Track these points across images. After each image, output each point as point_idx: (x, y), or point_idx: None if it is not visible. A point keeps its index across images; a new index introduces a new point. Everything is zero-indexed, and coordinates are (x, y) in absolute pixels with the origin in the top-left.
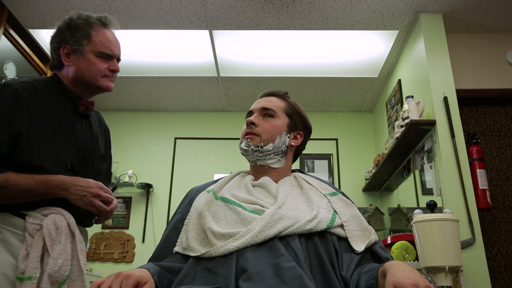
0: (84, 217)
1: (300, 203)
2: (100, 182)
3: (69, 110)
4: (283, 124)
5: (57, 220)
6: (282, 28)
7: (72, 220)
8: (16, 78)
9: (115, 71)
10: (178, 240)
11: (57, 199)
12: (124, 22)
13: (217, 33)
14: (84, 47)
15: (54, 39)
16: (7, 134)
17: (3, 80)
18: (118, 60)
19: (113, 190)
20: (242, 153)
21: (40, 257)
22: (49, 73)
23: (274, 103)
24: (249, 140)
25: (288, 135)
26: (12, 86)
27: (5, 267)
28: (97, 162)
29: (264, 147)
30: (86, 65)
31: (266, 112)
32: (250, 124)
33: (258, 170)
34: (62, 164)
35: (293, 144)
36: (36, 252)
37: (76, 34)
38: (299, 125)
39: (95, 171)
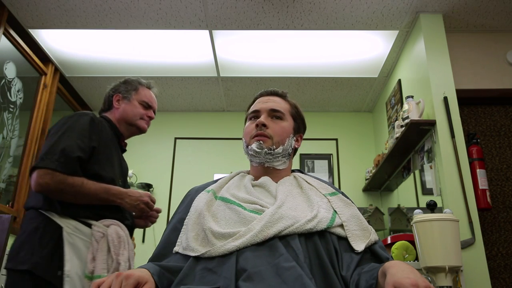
0: (131, 229)
1: (300, 203)
2: (148, 192)
3: (115, 142)
4: (290, 126)
5: (118, 230)
6: (282, 28)
7: (126, 231)
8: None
9: (151, 118)
10: (178, 240)
11: (113, 212)
12: (124, 22)
13: (217, 33)
14: (132, 96)
15: (110, 90)
16: (88, 147)
17: (3, 80)
18: (154, 112)
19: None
20: (252, 154)
21: (105, 260)
22: (49, 74)
23: (280, 104)
24: (261, 142)
25: (294, 137)
26: (88, 114)
27: (78, 269)
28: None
29: (275, 150)
30: (131, 108)
31: (275, 114)
32: (261, 125)
33: (261, 171)
34: (115, 179)
35: (296, 146)
36: (102, 255)
37: (128, 86)
38: (301, 127)
39: None
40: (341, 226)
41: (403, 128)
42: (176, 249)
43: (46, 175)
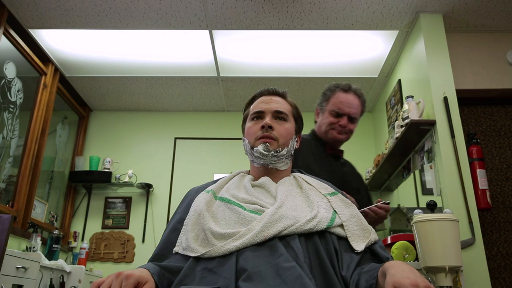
0: None
1: (300, 203)
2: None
3: (322, 155)
4: (292, 128)
5: None
6: (282, 28)
7: None
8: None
9: (342, 126)
10: (178, 240)
11: None
12: (124, 22)
13: (217, 33)
14: (325, 107)
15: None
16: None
17: (3, 80)
18: (352, 118)
19: (387, 204)
20: (258, 156)
21: None
22: (49, 74)
23: (283, 105)
24: (268, 144)
25: (296, 138)
26: None
27: None
28: (352, 192)
29: (281, 152)
30: (323, 120)
31: (279, 115)
32: (268, 127)
33: (262, 172)
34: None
35: (296, 147)
36: None
37: (322, 98)
38: (301, 127)
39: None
40: (341, 226)
41: (403, 128)
42: (176, 249)
43: None
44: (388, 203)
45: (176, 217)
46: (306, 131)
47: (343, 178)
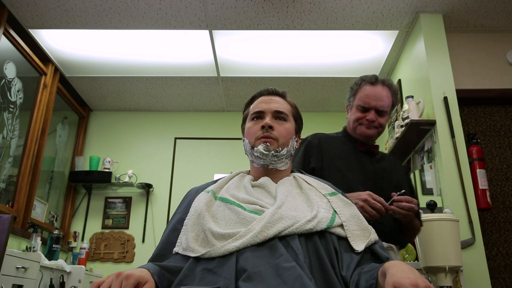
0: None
1: (300, 203)
2: (369, 191)
3: (352, 149)
4: (292, 128)
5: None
6: (282, 28)
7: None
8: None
9: (370, 120)
10: (178, 240)
11: None
12: (124, 22)
13: (217, 33)
14: (352, 103)
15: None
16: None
17: (3, 80)
18: (380, 111)
19: (402, 194)
20: (258, 156)
21: None
22: (49, 74)
23: (283, 105)
24: (268, 144)
25: (296, 138)
26: (304, 142)
27: None
28: (389, 188)
29: (281, 152)
30: (351, 115)
31: (279, 115)
32: (268, 127)
33: (262, 172)
34: (352, 185)
35: (296, 147)
36: None
37: (349, 94)
38: (301, 127)
39: (388, 195)
40: (341, 226)
41: (403, 128)
42: (176, 249)
43: None
44: (403, 192)
45: (176, 217)
46: (306, 130)
47: (378, 175)
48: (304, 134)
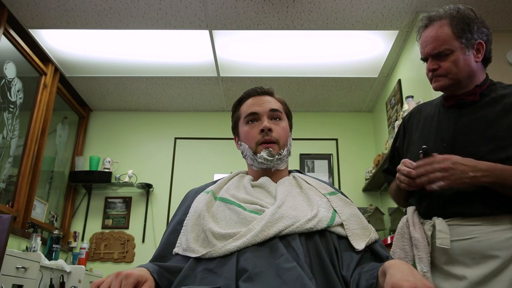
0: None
1: (300, 202)
2: (405, 159)
3: (436, 111)
4: (287, 125)
5: None
6: (282, 28)
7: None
8: None
9: (430, 70)
10: (178, 241)
11: None
12: (124, 22)
13: (217, 33)
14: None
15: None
16: (389, 156)
17: (3, 80)
18: (435, 56)
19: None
20: (262, 162)
21: None
22: (49, 74)
23: (276, 104)
24: (271, 149)
25: (291, 135)
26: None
27: None
28: (474, 144)
29: (283, 154)
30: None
31: (274, 114)
32: (267, 130)
33: (261, 172)
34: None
35: (290, 144)
36: None
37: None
38: (292, 123)
39: (474, 152)
40: (341, 225)
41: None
42: (176, 250)
43: None
44: (424, 149)
45: (176, 219)
46: (306, 130)
47: (459, 131)
48: (303, 134)
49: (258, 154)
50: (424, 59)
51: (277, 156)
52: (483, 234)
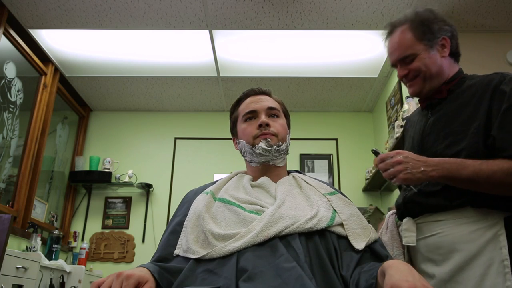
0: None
1: (300, 202)
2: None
3: (420, 115)
4: (285, 123)
5: None
6: (282, 28)
7: None
8: None
9: (401, 76)
10: (178, 243)
11: None
12: (124, 22)
13: (217, 33)
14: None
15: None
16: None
17: (3, 80)
18: (402, 60)
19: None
20: (261, 153)
21: None
22: (49, 74)
23: (273, 102)
24: (269, 140)
25: (289, 134)
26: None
27: None
28: (439, 141)
29: (281, 147)
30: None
31: (272, 112)
32: (265, 125)
33: (260, 171)
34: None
35: (288, 143)
36: None
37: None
38: (289, 124)
39: (434, 151)
40: (341, 225)
41: (403, 128)
42: (176, 251)
43: None
44: (373, 151)
45: (175, 220)
46: (306, 130)
47: (425, 133)
48: (303, 134)
49: (256, 146)
50: (393, 65)
51: (275, 147)
52: (448, 228)
